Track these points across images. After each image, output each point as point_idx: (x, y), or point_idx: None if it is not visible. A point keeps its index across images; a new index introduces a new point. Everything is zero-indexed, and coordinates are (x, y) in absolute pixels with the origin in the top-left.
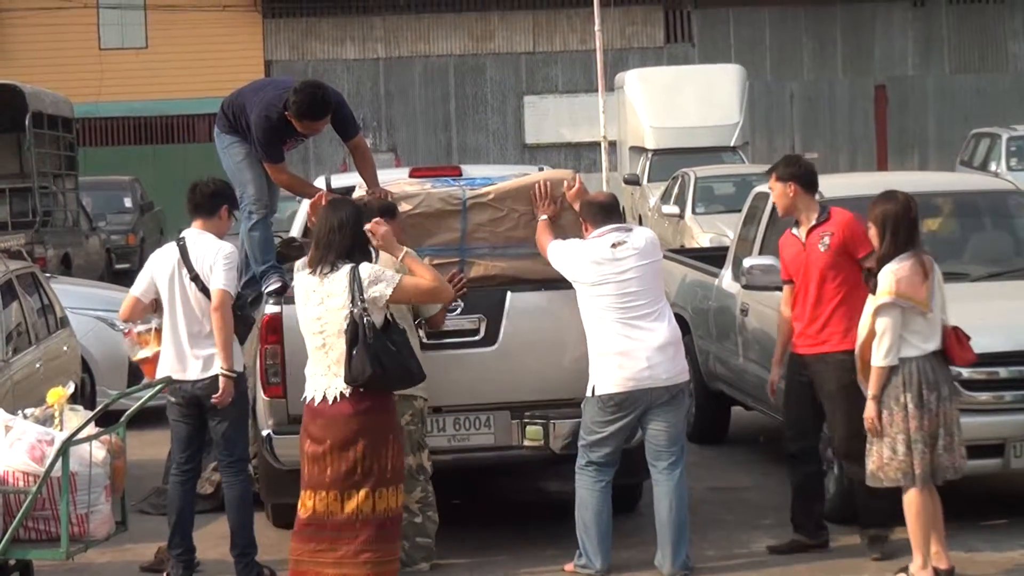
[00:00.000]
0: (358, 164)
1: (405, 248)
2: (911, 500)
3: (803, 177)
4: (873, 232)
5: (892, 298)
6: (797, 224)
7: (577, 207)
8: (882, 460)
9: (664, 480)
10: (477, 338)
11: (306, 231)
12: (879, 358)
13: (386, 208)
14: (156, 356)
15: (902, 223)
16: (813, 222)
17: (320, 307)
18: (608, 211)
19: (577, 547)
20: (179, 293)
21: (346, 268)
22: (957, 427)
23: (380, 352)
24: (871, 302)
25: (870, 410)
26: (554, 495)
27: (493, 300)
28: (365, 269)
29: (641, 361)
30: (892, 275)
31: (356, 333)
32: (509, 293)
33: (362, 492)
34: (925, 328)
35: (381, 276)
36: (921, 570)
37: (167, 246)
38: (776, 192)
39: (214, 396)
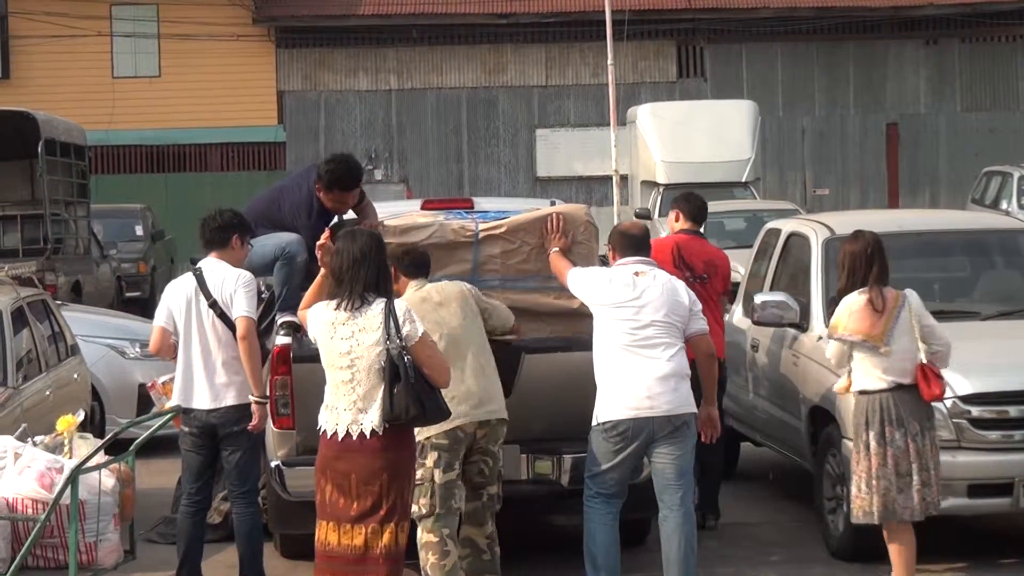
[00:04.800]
0: (360, 214)
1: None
2: (888, 535)
3: None
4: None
5: (837, 333)
6: None
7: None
8: (851, 498)
9: (672, 516)
10: None
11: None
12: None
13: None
14: None
15: (860, 261)
16: None
17: (350, 341)
18: (638, 244)
19: None
20: (195, 321)
21: (380, 303)
22: (934, 464)
23: (421, 392)
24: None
25: (848, 449)
26: (562, 529)
27: (508, 362)
28: (400, 306)
29: (642, 390)
30: (842, 310)
31: (396, 371)
32: (524, 355)
33: (388, 528)
34: (884, 362)
35: (412, 317)
36: None
37: (183, 276)
38: None
39: (250, 424)
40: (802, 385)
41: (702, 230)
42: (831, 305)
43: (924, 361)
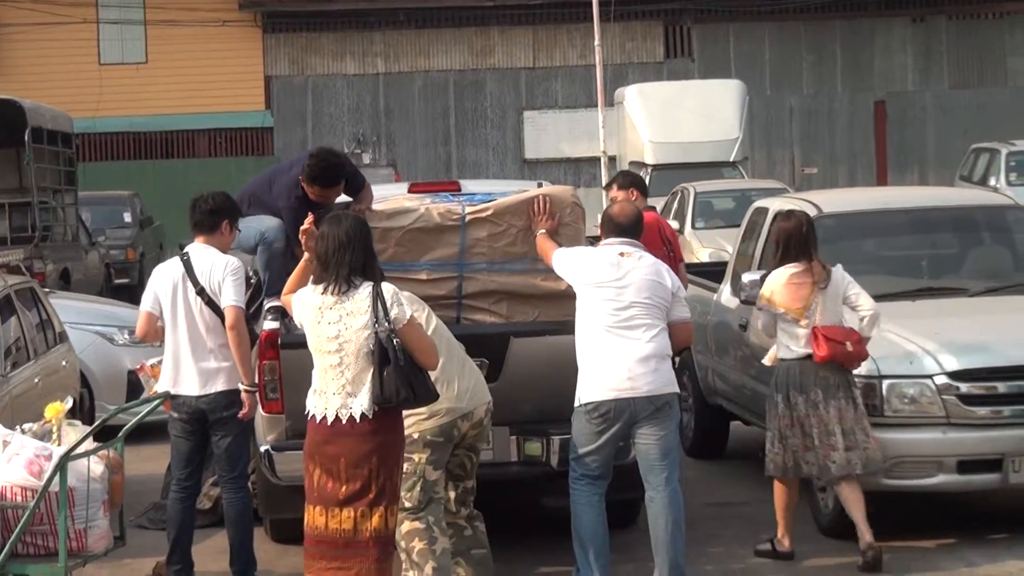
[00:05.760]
0: (356, 198)
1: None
2: (777, 486)
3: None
4: (773, 246)
5: (761, 303)
6: None
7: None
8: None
9: (659, 497)
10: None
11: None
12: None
13: None
14: None
15: (793, 239)
16: None
17: (338, 325)
18: (624, 229)
19: (574, 562)
20: (182, 307)
21: (367, 287)
22: (841, 431)
23: (411, 374)
24: None
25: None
26: (551, 510)
27: (496, 345)
28: (388, 289)
29: (622, 371)
30: (768, 284)
31: (385, 354)
32: (512, 339)
33: (377, 511)
34: (800, 333)
35: (400, 300)
36: (783, 540)
37: (171, 260)
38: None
39: (240, 412)
40: None
41: None
42: (762, 279)
43: (816, 326)
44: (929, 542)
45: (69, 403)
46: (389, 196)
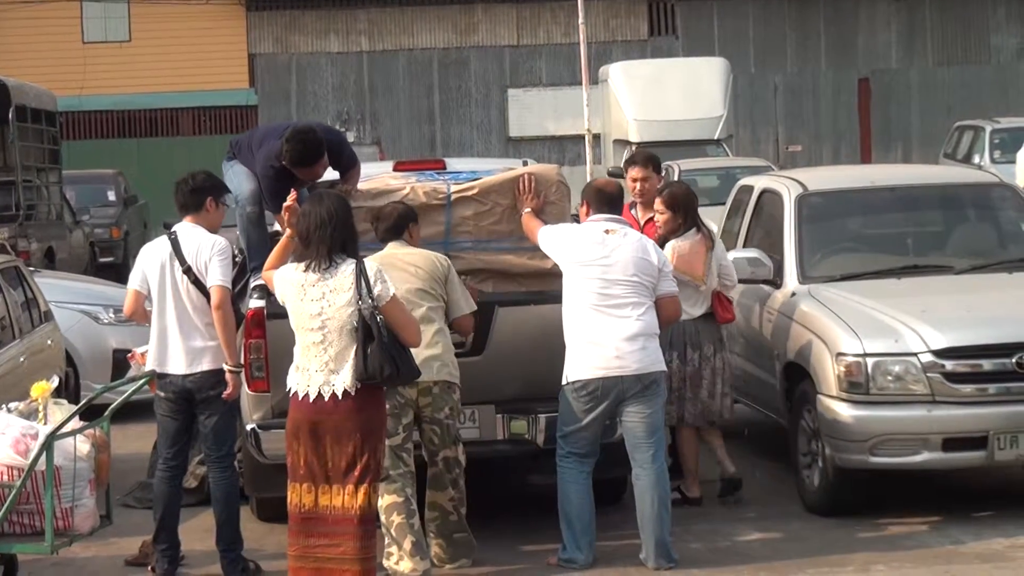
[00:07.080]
0: (343, 176)
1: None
2: (682, 435)
3: None
4: (666, 214)
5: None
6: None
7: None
8: None
9: (645, 474)
10: (464, 350)
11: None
12: None
13: (410, 215)
14: None
15: (690, 206)
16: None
17: (321, 302)
18: (610, 202)
19: (560, 540)
20: (170, 286)
21: (350, 264)
22: (722, 379)
23: (394, 351)
24: None
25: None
26: (537, 488)
27: (481, 316)
28: (371, 266)
29: (610, 350)
30: (672, 250)
31: (369, 331)
32: (497, 308)
33: (362, 488)
34: (695, 296)
35: (383, 277)
36: (692, 487)
37: (158, 239)
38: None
39: (224, 392)
40: (776, 341)
41: None
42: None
43: (717, 290)
44: (913, 519)
45: (55, 382)
46: (374, 174)
